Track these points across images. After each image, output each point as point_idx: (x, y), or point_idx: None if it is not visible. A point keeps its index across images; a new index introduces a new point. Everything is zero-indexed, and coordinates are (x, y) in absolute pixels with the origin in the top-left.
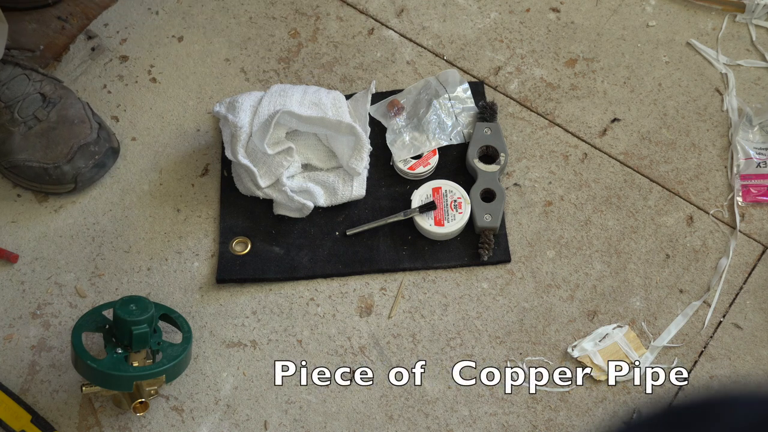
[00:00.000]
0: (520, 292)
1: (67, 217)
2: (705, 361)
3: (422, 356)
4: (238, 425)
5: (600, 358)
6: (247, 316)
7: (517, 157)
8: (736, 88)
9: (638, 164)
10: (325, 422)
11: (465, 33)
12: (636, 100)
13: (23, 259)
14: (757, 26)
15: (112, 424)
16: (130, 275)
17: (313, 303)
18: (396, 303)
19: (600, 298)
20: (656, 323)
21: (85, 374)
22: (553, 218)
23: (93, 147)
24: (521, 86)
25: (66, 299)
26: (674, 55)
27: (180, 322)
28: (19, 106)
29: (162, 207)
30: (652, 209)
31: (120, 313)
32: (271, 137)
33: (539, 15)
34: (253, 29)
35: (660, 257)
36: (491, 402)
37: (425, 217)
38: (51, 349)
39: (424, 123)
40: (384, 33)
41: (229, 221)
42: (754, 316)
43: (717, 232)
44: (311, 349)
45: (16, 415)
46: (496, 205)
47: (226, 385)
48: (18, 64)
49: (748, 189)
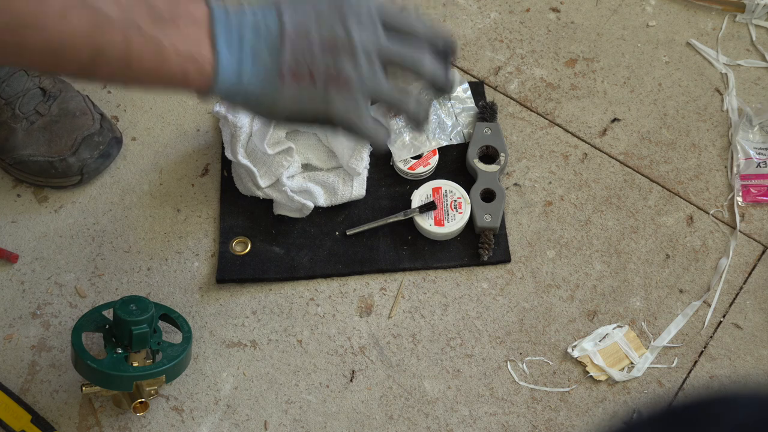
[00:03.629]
0: (520, 292)
1: (67, 217)
2: (705, 361)
3: (422, 356)
4: (238, 425)
5: (600, 358)
6: (247, 316)
7: (517, 157)
8: (736, 88)
9: (638, 164)
10: (325, 422)
11: (465, 33)
12: (636, 100)
13: (23, 259)
14: (757, 26)
15: (112, 424)
16: (130, 275)
17: (313, 303)
18: (396, 303)
19: (600, 298)
20: (656, 323)
21: (85, 374)
22: (553, 218)
23: (97, 137)
24: (521, 86)
25: (66, 299)
26: (674, 55)
27: (180, 322)
28: (19, 101)
29: (162, 207)
30: (652, 209)
31: (120, 313)
32: (271, 137)
33: (539, 15)
34: None
35: (660, 257)
36: (491, 402)
37: (425, 217)
38: (51, 349)
39: None
40: None
41: (229, 221)
42: (754, 316)
43: (717, 232)
44: (311, 349)
45: (16, 415)
46: (496, 205)
47: (226, 385)
48: None
49: (748, 189)
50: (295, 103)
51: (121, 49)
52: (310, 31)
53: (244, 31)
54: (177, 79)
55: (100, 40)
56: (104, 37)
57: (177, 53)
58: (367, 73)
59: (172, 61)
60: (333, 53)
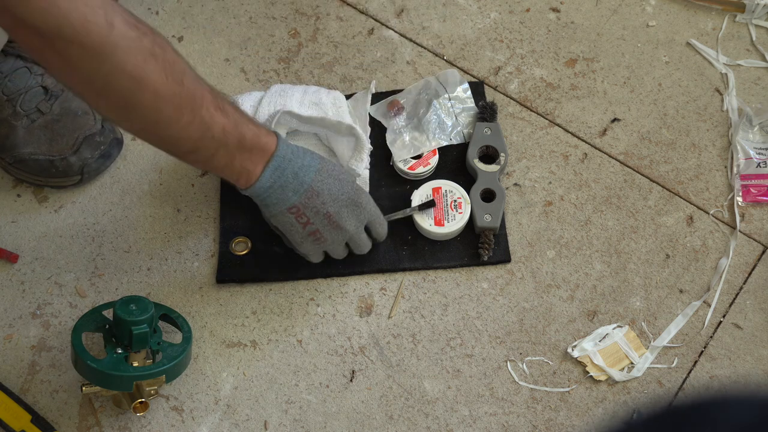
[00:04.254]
0: (520, 292)
1: (67, 217)
2: (705, 361)
3: (422, 356)
4: (238, 425)
5: (600, 358)
6: (247, 316)
7: (517, 157)
8: (736, 88)
9: (638, 164)
10: (325, 422)
11: (465, 33)
12: (636, 100)
13: (23, 259)
14: (757, 26)
15: (112, 424)
16: (130, 275)
17: (313, 303)
18: (396, 303)
19: (600, 298)
20: (656, 323)
21: (85, 374)
22: (553, 218)
23: (98, 137)
24: (521, 86)
25: (66, 299)
26: (674, 55)
27: (180, 322)
28: (21, 99)
29: (162, 207)
30: (652, 209)
31: (120, 313)
32: None
33: (539, 15)
34: (253, 29)
35: (660, 257)
36: (491, 402)
37: (425, 217)
38: (51, 349)
39: (424, 123)
40: (384, 33)
41: (229, 221)
42: (754, 316)
43: (717, 232)
44: (311, 349)
45: (16, 415)
46: (496, 205)
47: (226, 385)
48: (20, 56)
49: (748, 189)
50: (284, 225)
51: (209, 154)
52: (324, 199)
53: (287, 171)
54: (230, 178)
55: (200, 145)
56: (203, 143)
57: (240, 167)
58: (336, 246)
59: (234, 169)
60: (326, 221)
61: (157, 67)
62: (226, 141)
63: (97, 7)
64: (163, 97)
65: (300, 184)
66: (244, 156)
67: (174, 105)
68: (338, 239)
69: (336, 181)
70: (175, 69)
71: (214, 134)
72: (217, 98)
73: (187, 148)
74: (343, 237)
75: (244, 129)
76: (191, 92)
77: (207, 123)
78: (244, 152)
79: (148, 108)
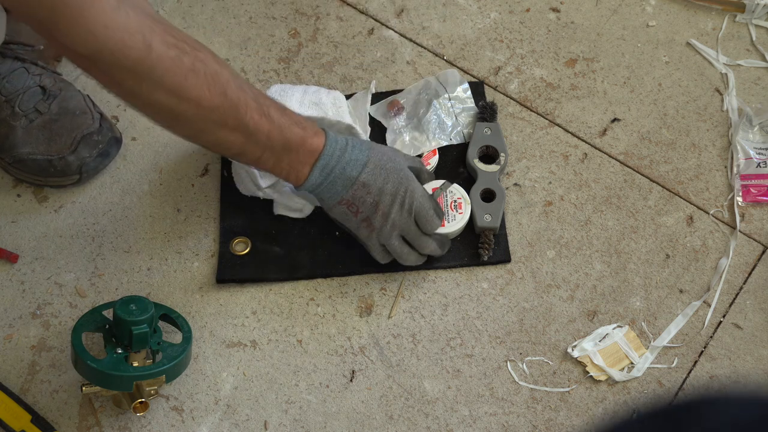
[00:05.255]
0: (520, 292)
1: (67, 217)
2: (705, 361)
3: (422, 356)
4: (238, 425)
5: (600, 358)
6: (247, 316)
7: (517, 157)
8: (736, 88)
9: (638, 164)
10: (325, 422)
11: (465, 33)
12: (636, 100)
13: (23, 259)
14: (757, 26)
15: (112, 424)
16: (130, 275)
17: (313, 303)
18: (396, 303)
19: (600, 298)
20: (656, 323)
21: (85, 374)
22: (553, 218)
23: (96, 136)
24: (521, 86)
25: (66, 299)
26: (674, 55)
27: (180, 322)
28: (19, 99)
29: (162, 207)
30: (652, 209)
31: (120, 313)
32: None
33: (539, 15)
34: (253, 29)
35: (660, 257)
36: (491, 402)
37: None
38: (51, 349)
39: (424, 123)
40: (384, 33)
41: (229, 221)
42: (754, 316)
43: (717, 232)
44: (311, 349)
45: (16, 415)
46: (496, 205)
47: (226, 385)
48: (17, 58)
49: (748, 189)
50: (340, 215)
51: (255, 157)
52: (372, 190)
53: (335, 168)
54: (281, 177)
55: (245, 149)
56: (248, 148)
57: (289, 168)
58: (386, 233)
59: (283, 169)
60: (375, 209)
61: (198, 82)
62: (271, 145)
63: (135, 31)
64: (206, 108)
65: (348, 179)
66: (292, 157)
67: (217, 116)
68: (387, 228)
69: (383, 171)
70: (217, 81)
71: (259, 140)
72: (262, 104)
73: (234, 152)
74: (392, 226)
75: (288, 133)
76: (234, 102)
77: (251, 130)
78: (291, 154)
79: (192, 119)
